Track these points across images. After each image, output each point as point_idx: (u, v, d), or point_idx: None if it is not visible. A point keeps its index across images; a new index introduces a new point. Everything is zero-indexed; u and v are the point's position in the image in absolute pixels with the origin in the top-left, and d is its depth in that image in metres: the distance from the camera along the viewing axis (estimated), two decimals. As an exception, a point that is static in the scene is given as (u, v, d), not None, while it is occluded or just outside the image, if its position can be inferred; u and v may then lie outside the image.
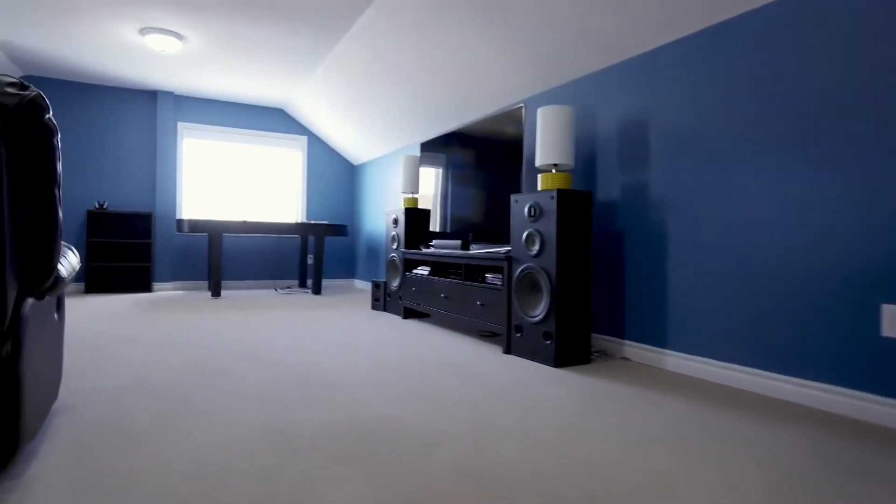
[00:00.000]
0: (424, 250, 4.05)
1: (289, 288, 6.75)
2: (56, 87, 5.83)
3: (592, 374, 2.56)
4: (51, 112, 1.21)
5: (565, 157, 2.86)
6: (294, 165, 7.02)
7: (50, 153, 1.23)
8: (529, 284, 2.94)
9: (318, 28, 4.28)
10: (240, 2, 3.86)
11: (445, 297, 3.71)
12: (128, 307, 4.68)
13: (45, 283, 1.29)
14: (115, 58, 5.15)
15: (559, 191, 2.73)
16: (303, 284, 6.76)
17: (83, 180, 5.97)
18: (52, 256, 1.28)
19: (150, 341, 3.16)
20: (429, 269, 4.04)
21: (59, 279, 1.35)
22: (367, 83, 4.97)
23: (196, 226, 5.43)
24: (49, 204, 1.26)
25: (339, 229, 6.08)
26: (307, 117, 6.68)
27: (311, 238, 6.96)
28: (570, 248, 2.78)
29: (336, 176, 7.23)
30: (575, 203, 2.79)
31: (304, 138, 7.05)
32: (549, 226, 2.77)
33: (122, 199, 6.14)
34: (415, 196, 4.61)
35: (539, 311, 2.81)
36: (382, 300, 4.75)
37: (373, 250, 6.67)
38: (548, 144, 2.87)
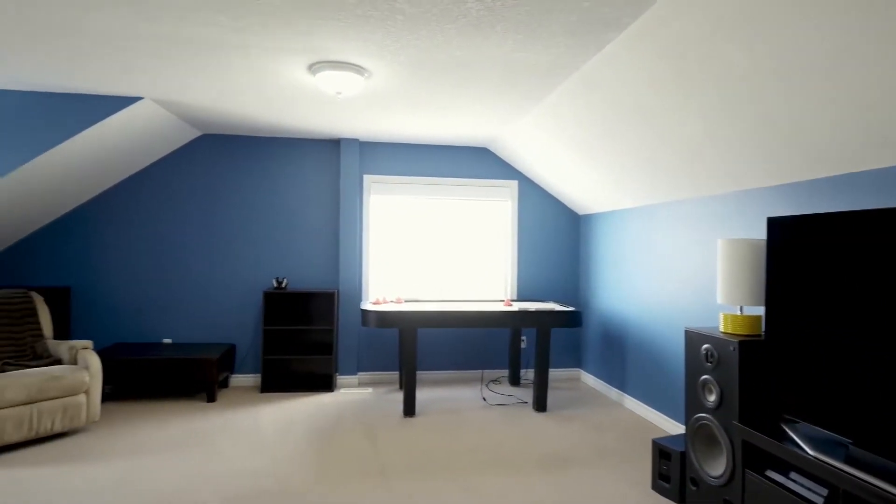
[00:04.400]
0: (809, 451, 1.95)
1: (497, 383, 5.08)
2: (233, 144, 4.98)
3: None
4: None
5: None
6: (501, 218, 5.37)
7: None
8: None
9: (573, 39, 2.49)
10: (461, 15, 2.25)
11: None
12: (300, 437, 3.38)
13: None
14: (289, 104, 4.00)
15: None
16: (514, 380, 5.03)
17: (260, 254, 5.02)
18: None
19: None
20: (825, 494, 1.93)
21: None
22: (633, 110, 3.04)
23: (385, 319, 4.03)
24: None
25: (568, 318, 4.22)
26: (521, 156, 4.98)
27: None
28: None
29: (555, 229, 5.41)
30: None
31: (514, 183, 5.37)
32: None
33: (302, 274, 5.08)
34: (755, 315, 2.51)
35: None
36: (677, 483, 2.73)
37: (611, 335, 4.68)
38: None
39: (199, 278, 4.92)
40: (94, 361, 3.67)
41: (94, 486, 2.82)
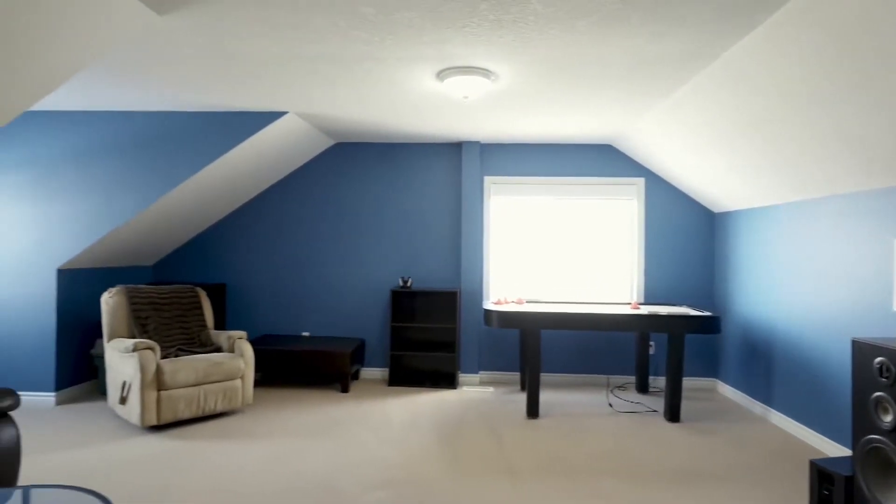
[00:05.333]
0: None
1: (623, 389, 4.88)
2: (362, 151, 5.29)
3: None
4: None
5: None
6: (625, 219, 5.16)
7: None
8: None
9: (716, 24, 2.32)
10: (594, 10, 2.21)
11: None
12: (428, 432, 3.50)
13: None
14: (415, 110, 4.16)
15: None
16: (642, 388, 4.79)
17: (387, 254, 5.28)
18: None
19: None
20: None
21: None
22: (784, 96, 2.76)
23: (507, 319, 4.05)
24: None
25: (704, 324, 3.93)
26: (649, 152, 4.75)
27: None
28: None
29: (686, 228, 5.08)
30: None
31: (641, 181, 5.12)
32: None
33: (425, 274, 5.26)
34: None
35: None
36: (842, 511, 2.43)
37: (754, 344, 4.29)
38: None
39: (333, 277, 5.30)
40: (248, 350, 4.10)
41: (250, 462, 3.15)
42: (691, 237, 5.07)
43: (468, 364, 5.09)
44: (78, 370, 4.47)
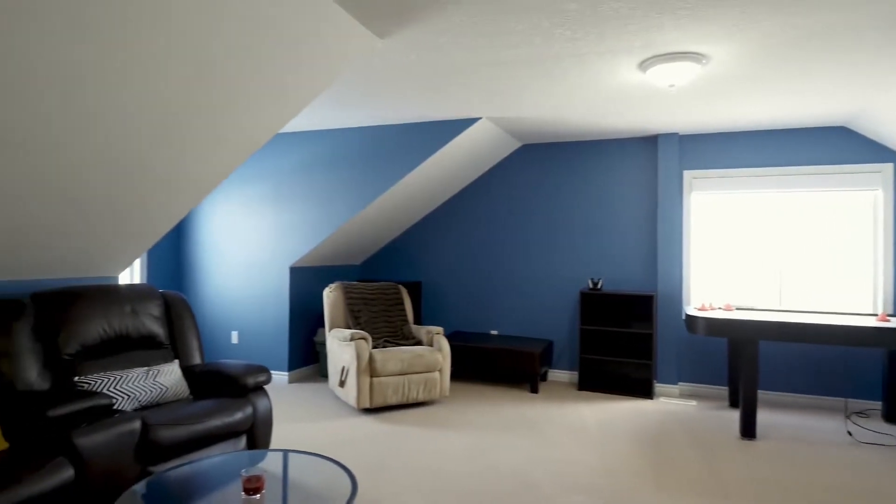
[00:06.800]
0: None
1: (864, 416, 4.10)
2: (549, 151, 5.25)
3: None
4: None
5: None
6: (865, 212, 4.33)
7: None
8: None
9: None
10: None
11: None
12: (625, 441, 3.33)
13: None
14: (608, 105, 4.00)
15: None
16: (891, 416, 3.97)
17: (575, 255, 5.16)
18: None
19: None
20: None
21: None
22: None
23: (717, 327, 3.68)
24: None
25: None
26: (900, 133, 3.93)
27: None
28: None
29: (956, 224, 4.09)
30: None
31: (888, 167, 4.26)
32: None
33: (617, 275, 5.03)
34: None
35: None
36: None
37: None
38: None
39: (521, 276, 5.35)
40: (445, 345, 4.33)
41: (452, 449, 3.32)
42: (965, 234, 4.07)
43: (665, 373, 4.74)
44: (304, 354, 5.18)
